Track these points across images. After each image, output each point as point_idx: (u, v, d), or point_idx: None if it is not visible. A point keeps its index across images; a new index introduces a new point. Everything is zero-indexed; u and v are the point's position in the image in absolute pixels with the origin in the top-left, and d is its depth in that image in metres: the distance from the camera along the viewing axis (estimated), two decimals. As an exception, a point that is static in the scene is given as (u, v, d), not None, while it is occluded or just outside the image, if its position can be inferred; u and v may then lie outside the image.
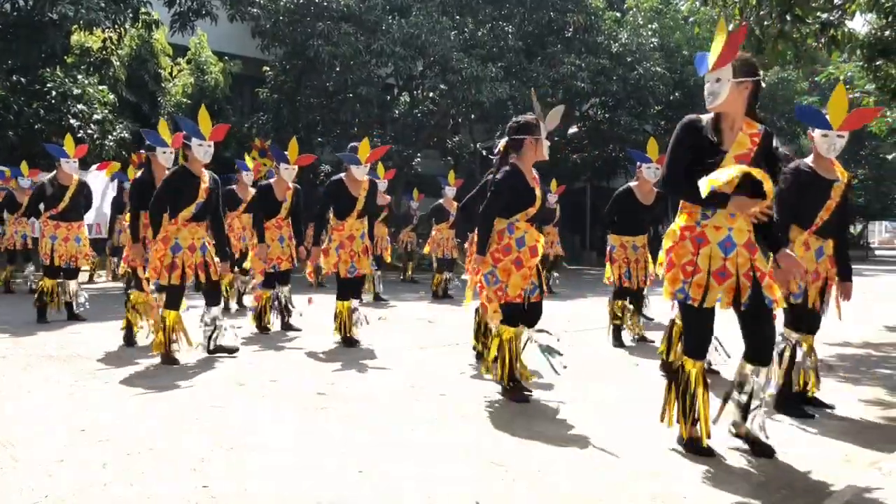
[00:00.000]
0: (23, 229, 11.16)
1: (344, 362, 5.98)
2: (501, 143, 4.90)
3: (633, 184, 6.94)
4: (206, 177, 5.97)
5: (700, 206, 3.47)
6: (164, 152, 6.51)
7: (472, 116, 21.82)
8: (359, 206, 6.72)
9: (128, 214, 6.64)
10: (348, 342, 6.71)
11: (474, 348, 6.06)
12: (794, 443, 3.93)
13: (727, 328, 4.16)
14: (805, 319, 4.55)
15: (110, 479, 3.16)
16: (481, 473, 3.33)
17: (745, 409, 3.62)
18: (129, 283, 7.02)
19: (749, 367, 3.58)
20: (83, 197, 8.15)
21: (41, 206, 8.07)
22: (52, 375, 5.32)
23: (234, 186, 8.97)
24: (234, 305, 9.28)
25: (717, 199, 3.38)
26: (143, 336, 6.57)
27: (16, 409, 4.33)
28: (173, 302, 5.96)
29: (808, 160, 4.53)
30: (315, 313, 7.92)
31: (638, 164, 6.89)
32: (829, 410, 4.62)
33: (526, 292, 4.71)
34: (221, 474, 3.25)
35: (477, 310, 5.89)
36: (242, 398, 4.73)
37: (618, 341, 7.00)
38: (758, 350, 3.56)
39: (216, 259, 6.09)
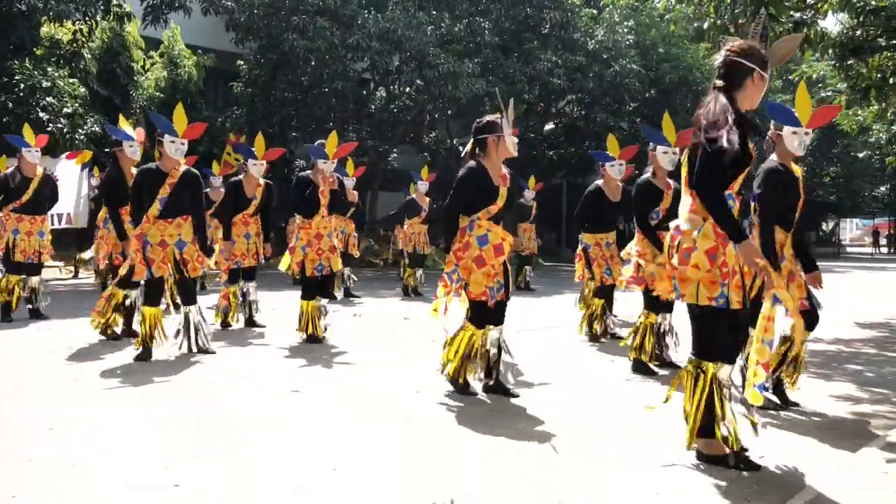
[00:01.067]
0: None
1: (311, 359, 5.92)
2: (469, 144, 4.89)
3: (599, 182, 6.99)
4: (177, 174, 5.85)
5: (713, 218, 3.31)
6: (131, 146, 6.55)
7: (449, 112, 21.79)
8: (324, 202, 6.68)
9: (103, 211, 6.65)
10: (312, 340, 6.66)
11: None
12: (766, 438, 3.95)
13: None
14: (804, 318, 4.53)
15: (80, 477, 3.09)
16: (463, 467, 3.31)
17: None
18: (105, 279, 6.90)
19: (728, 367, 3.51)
20: (48, 189, 7.95)
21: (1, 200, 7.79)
22: (21, 373, 5.22)
23: (207, 190, 8.86)
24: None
25: (734, 235, 3.26)
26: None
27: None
28: (151, 298, 5.89)
29: (775, 159, 4.52)
30: (283, 309, 7.85)
31: (601, 163, 6.94)
32: (794, 408, 4.62)
33: (491, 290, 4.62)
34: (192, 471, 3.19)
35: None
36: (215, 395, 4.66)
37: (593, 338, 7.03)
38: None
39: (196, 255, 5.96)
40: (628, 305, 8.11)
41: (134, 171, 6.64)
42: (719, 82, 3.45)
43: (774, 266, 4.31)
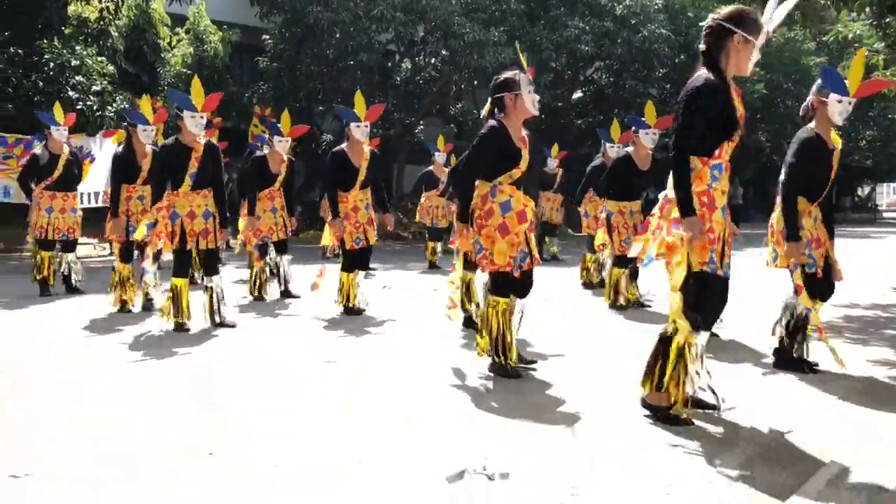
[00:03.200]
0: None
1: (347, 331, 5.97)
2: (487, 104, 4.69)
3: (629, 149, 6.94)
4: (200, 147, 5.90)
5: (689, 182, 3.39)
6: (145, 130, 6.77)
7: (475, 82, 21.53)
8: (361, 177, 6.65)
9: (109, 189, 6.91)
10: (350, 312, 6.69)
11: (465, 310, 5.93)
12: (800, 404, 3.91)
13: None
14: (818, 286, 4.50)
15: (113, 448, 3.15)
16: (489, 438, 3.31)
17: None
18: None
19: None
20: (75, 167, 8.12)
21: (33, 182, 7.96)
22: (53, 346, 5.33)
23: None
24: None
25: (684, 207, 3.35)
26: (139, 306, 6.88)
27: (15, 379, 4.33)
28: (180, 269, 5.97)
29: (812, 127, 4.42)
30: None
31: (634, 129, 6.88)
32: (833, 370, 4.58)
33: (515, 260, 4.35)
34: (226, 442, 3.24)
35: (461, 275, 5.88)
36: (245, 367, 4.72)
37: (617, 306, 6.98)
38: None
39: (218, 227, 6.05)
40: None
41: (148, 149, 6.79)
42: (702, 46, 3.49)
43: (792, 236, 4.29)
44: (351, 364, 4.80)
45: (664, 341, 3.53)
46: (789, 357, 4.62)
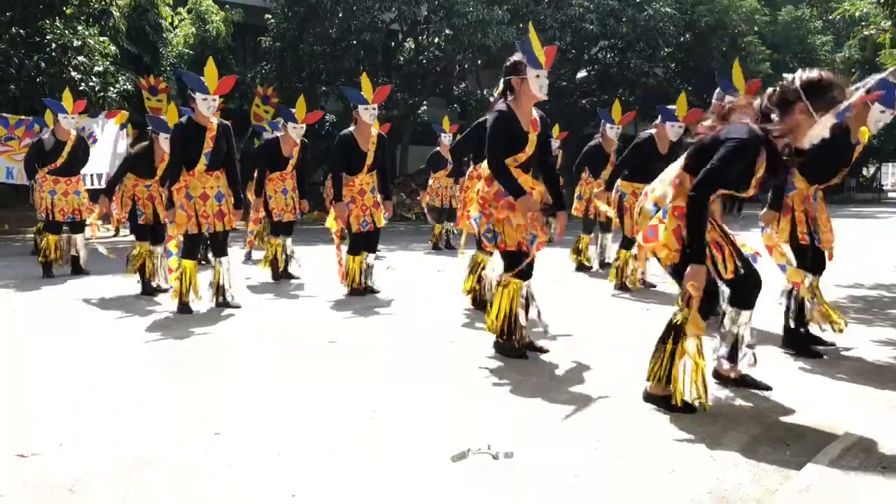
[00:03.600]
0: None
1: (353, 311, 5.99)
2: (500, 86, 4.66)
3: (653, 131, 6.86)
4: (213, 126, 5.88)
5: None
6: (167, 139, 6.45)
7: (479, 62, 21.45)
8: (369, 161, 6.63)
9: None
10: (356, 293, 6.71)
11: (468, 293, 5.97)
12: (805, 384, 3.92)
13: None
14: (811, 259, 4.58)
15: (122, 428, 3.18)
16: (493, 416, 3.33)
17: (734, 353, 3.65)
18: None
19: (732, 311, 3.56)
20: (81, 151, 8.14)
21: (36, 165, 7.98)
22: (63, 326, 5.36)
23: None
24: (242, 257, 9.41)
25: (695, 253, 3.28)
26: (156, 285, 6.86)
27: (29, 360, 4.36)
28: (190, 251, 5.98)
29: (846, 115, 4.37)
30: (323, 263, 7.94)
31: (662, 118, 6.79)
32: (839, 350, 4.60)
33: (525, 241, 4.40)
34: (232, 422, 3.26)
35: (473, 255, 5.89)
36: (254, 347, 4.75)
37: (622, 287, 6.98)
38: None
39: (232, 208, 6.05)
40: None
41: (164, 145, 6.68)
42: (770, 105, 3.32)
43: (774, 207, 4.49)
44: (354, 344, 4.81)
45: (673, 329, 3.47)
46: (796, 336, 4.59)
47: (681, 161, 3.52)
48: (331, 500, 2.50)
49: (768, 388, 3.68)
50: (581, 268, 8.63)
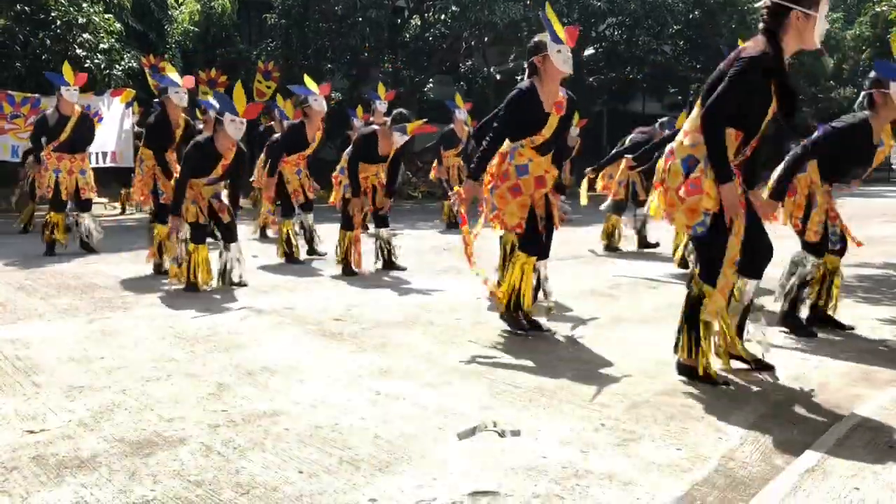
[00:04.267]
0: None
1: (360, 289, 6.01)
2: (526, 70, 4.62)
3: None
4: (230, 154, 5.86)
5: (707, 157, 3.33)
6: (177, 92, 6.69)
7: (486, 39, 21.27)
8: (385, 162, 6.82)
9: (146, 151, 6.98)
10: (348, 271, 6.73)
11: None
12: (811, 364, 3.92)
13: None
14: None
15: (130, 405, 3.20)
16: (500, 395, 3.34)
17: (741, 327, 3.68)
18: (154, 216, 7.05)
19: (740, 280, 3.54)
20: (86, 127, 8.06)
21: (42, 140, 7.88)
22: (70, 304, 5.38)
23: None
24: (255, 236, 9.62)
25: (721, 174, 3.27)
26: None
27: (36, 338, 4.38)
28: (197, 237, 6.04)
29: (866, 115, 4.30)
30: (332, 242, 7.94)
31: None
32: (849, 331, 4.59)
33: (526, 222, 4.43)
34: (240, 398, 3.28)
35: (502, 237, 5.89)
36: (261, 325, 4.76)
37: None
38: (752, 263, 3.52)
39: (226, 207, 6.13)
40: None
41: (182, 119, 6.73)
42: (761, 25, 3.35)
43: (777, 196, 4.42)
44: (359, 322, 4.82)
45: (692, 303, 3.52)
46: (795, 315, 4.57)
47: (698, 105, 3.47)
48: (336, 478, 2.51)
49: (771, 368, 3.68)
50: (609, 248, 8.57)
